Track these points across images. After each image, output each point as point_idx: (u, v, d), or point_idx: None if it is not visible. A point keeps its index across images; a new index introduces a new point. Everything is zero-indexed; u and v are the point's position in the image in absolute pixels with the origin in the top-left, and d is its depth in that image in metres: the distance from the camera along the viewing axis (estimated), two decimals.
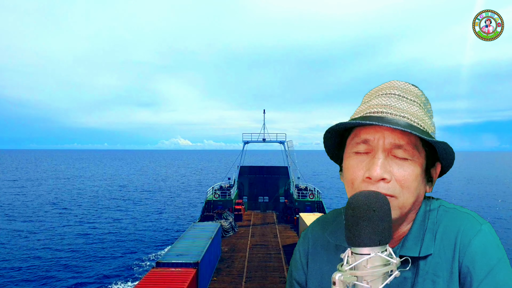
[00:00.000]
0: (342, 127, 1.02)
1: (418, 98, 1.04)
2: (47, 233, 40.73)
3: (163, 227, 44.60)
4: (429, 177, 1.04)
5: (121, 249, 34.53)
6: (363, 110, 1.03)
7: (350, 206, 0.84)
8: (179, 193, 79.12)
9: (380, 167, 0.94)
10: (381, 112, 0.98)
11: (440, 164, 1.06)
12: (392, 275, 0.81)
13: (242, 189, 42.23)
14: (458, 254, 0.95)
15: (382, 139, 0.96)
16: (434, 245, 0.98)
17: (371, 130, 0.98)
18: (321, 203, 34.03)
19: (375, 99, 1.04)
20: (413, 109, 1.00)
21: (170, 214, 53.61)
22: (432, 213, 1.04)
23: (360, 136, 1.00)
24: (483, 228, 0.96)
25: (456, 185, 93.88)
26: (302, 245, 1.21)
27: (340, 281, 0.79)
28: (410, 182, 0.96)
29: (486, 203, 64.50)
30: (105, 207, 59.56)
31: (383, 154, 0.96)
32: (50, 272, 27.87)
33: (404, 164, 0.96)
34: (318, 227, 1.21)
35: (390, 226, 0.84)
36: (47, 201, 65.06)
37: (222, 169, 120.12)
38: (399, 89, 1.05)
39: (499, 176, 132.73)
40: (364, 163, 0.98)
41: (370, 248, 0.81)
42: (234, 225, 30.98)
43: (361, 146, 0.99)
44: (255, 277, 20.37)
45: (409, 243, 1.01)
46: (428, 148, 1.01)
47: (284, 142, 42.86)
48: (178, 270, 16.32)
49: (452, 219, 1.01)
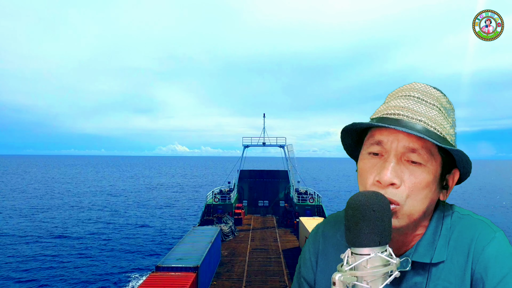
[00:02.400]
0: (357, 127, 1.01)
1: (438, 102, 1.01)
2: (47, 237, 40.63)
3: (162, 231, 44.49)
4: (444, 184, 1.02)
5: (120, 254, 34.42)
6: (381, 110, 1.02)
7: (350, 206, 0.84)
8: (178, 198, 79.03)
9: (391, 172, 0.93)
10: (398, 115, 0.97)
11: (459, 171, 1.03)
12: (392, 275, 0.81)
13: (242, 193, 42.16)
14: (471, 261, 0.94)
15: (396, 142, 0.94)
16: (447, 252, 0.97)
17: (385, 131, 0.97)
18: (321, 207, 33.97)
19: (394, 100, 1.02)
20: (431, 113, 0.98)
21: (169, 218, 53.51)
22: (446, 219, 1.02)
23: (375, 137, 0.98)
24: (496, 236, 0.95)
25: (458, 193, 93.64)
26: (312, 243, 1.19)
27: (340, 281, 0.78)
28: (418, 190, 0.94)
29: (490, 211, 64.38)
30: (104, 211, 59.45)
31: (395, 158, 0.94)
32: (49, 277, 27.76)
33: (416, 170, 0.94)
34: (329, 226, 1.19)
35: (390, 227, 0.84)
36: (48, 204, 64.97)
37: (221, 175, 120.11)
38: (419, 91, 1.02)
39: (499, 184, 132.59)
40: (376, 166, 0.97)
41: (370, 249, 0.81)
42: (234, 229, 30.92)
43: (375, 147, 0.98)
44: (255, 282, 20.29)
45: (422, 249, 1.00)
46: (445, 154, 0.98)
47: (284, 146, 42.83)
48: (177, 275, 16.26)
49: (466, 226, 0.99)
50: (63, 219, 51.83)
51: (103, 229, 45.41)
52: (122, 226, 47.19)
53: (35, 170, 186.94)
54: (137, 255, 34.09)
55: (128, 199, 75.64)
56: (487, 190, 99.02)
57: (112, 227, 46.80)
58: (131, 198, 77.39)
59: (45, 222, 49.43)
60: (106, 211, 59.53)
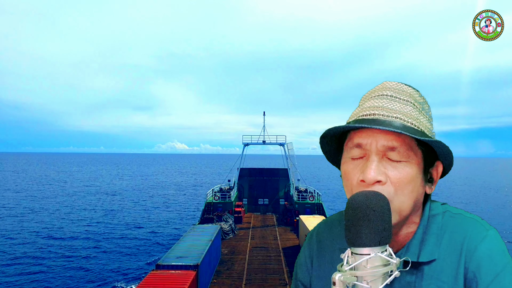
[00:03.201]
0: (334, 131, 1.01)
1: (411, 98, 1.02)
2: (47, 234, 40.67)
3: (162, 229, 44.55)
4: (429, 177, 1.02)
5: (120, 252, 34.48)
6: (357, 113, 1.02)
7: (350, 206, 0.84)
8: (178, 196, 79.09)
9: (374, 170, 0.93)
10: (373, 114, 0.97)
11: (441, 163, 1.03)
12: (392, 275, 0.81)
13: (242, 191, 42.18)
14: (464, 259, 0.94)
15: (375, 142, 0.94)
16: (440, 250, 0.97)
17: (363, 133, 0.97)
18: (321, 206, 33.99)
19: (368, 101, 1.03)
20: (406, 109, 0.98)
21: (169, 217, 53.55)
22: (437, 217, 1.02)
23: (353, 141, 0.98)
24: (489, 234, 0.95)
25: (452, 190, 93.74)
26: (307, 247, 1.20)
27: (340, 281, 0.79)
28: (405, 184, 0.94)
29: (485, 208, 64.41)
30: (104, 210, 59.50)
31: (377, 156, 0.94)
32: (49, 275, 27.81)
33: (398, 166, 0.94)
34: (324, 229, 1.20)
35: (390, 226, 0.84)
36: (47, 203, 64.99)
37: (220, 173, 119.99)
38: (391, 89, 1.03)
39: (498, 182, 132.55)
40: (359, 167, 0.96)
41: (370, 248, 0.81)
42: (234, 227, 30.95)
43: (355, 151, 0.98)
44: (255, 280, 20.33)
45: (413, 248, 1.00)
46: (424, 147, 0.99)
47: (284, 145, 42.83)
48: (177, 273, 16.29)
49: (458, 224, 1.00)
50: (63, 218, 51.86)
51: (103, 227, 45.46)
52: (122, 225, 47.23)
53: (32, 168, 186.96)
54: (138, 253, 34.14)
55: (128, 197, 75.66)
56: (491, 189, 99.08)
57: (112, 225, 46.84)
58: (131, 196, 77.41)
59: (45, 221, 49.48)
60: (106, 210, 59.56)
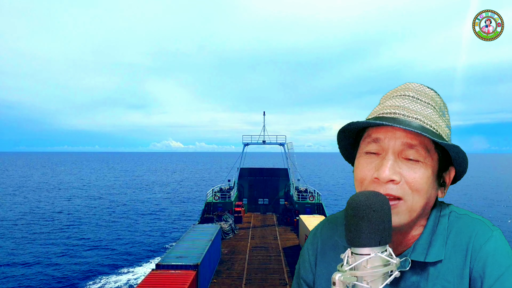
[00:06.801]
0: (354, 126, 1.02)
1: (432, 101, 1.04)
2: (46, 236, 40.69)
3: (162, 229, 44.56)
4: (441, 181, 1.03)
5: (121, 252, 34.49)
6: (377, 111, 1.04)
7: (350, 206, 0.84)
8: (178, 195, 79.05)
9: (389, 169, 0.94)
10: (394, 113, 0.98)
11: (454, 168, 1.05)
12: (392, 275, 0.81)
13: (242, 191, 42.18)
14: (470, 259, 0.95)
15: (394, 139, 0.96)
16: (445, 251, 0.98)
17: (383, 130, 0.98)
18: (321, 205, 33.99)
19: (390, 100, 1.04)
20: (426, 111, 1.00)
21: (169, 216, 53.55)
22: (443, 218, 1.03)
23: (371, 136, 1.00)
24: (494, 234, 0.96)
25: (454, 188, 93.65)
26: (311, 245, 1.20)
27: (340, 281, 0.78)
28: (420, 184, 0.95)
29: (484, 205, 64.42)
30: (104, 210, 59.51)
31: (393, 155, 0.96)
32: (49, 275, 27.81)
33: (415, 167, 0.95)
34: (327, 227, 1.20)
35: (390, 227, 0.84)
36: (46, 204, 65.00)
37: (218, 171, 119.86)
38: (414, 90, 1.04)
39: (492, 177, 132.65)
40: (374, 163, 0.98)
41: (370, 249, 0.81)
42: (234, 227, 30.95)
43: (372, 146, 0.99)
44: (255, 279, 20.33)
45: (420, 248, 1.01)
46: (441, 151, 1.00)
47: (284, 144, 42.85)
48: (177, 272, 16.28)
49: (464, 225, 1.01)
50: (62, 217, 51.86)
51: (103, 227, 45.47)
52: (122, 224, 47.24)
53: (31, 167, 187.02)
54: (138, 253, 34.14)
55: (127, 197, 75.66)
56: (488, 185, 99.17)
57: (112, 225, 46.85)
58: (131, 196, 77.41)
59: (45, 220, 49.48)
60: (106, 209, 59.56)
